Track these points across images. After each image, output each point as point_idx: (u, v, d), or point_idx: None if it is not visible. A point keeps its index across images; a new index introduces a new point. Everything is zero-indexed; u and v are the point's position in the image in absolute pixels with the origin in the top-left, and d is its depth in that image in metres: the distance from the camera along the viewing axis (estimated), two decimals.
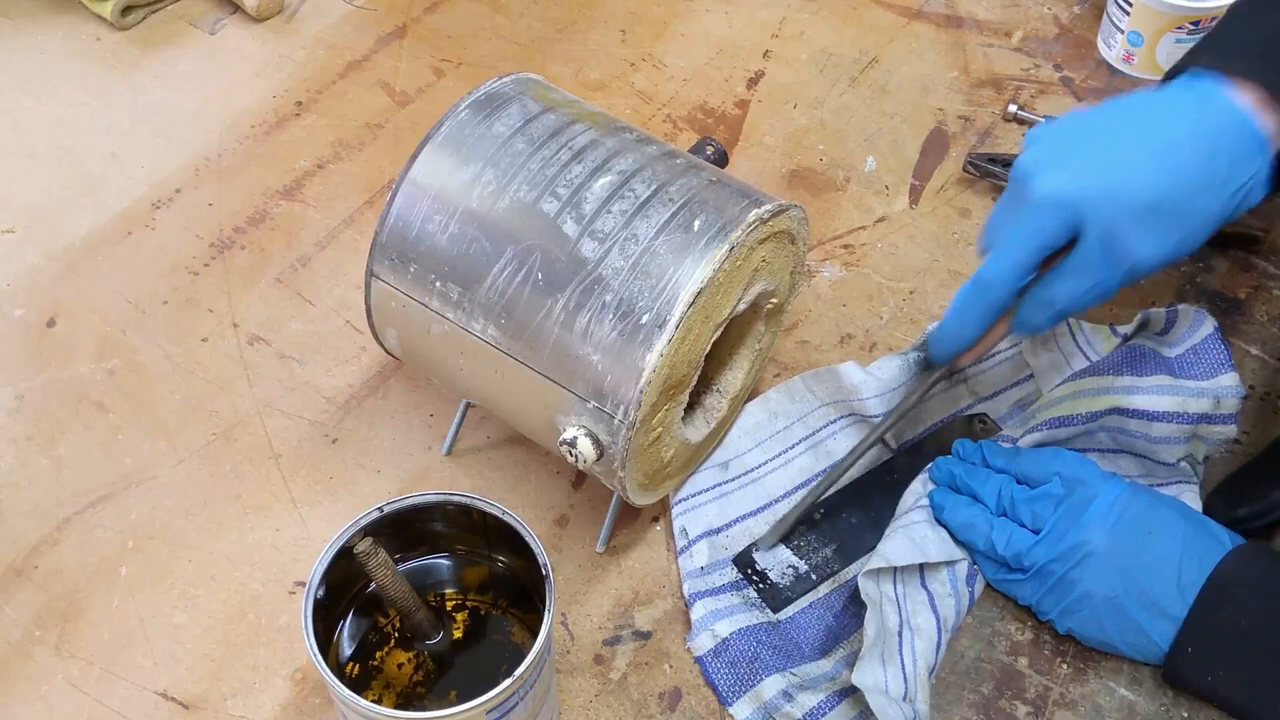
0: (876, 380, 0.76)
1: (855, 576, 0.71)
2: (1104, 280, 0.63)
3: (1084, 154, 0.62)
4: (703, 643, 0.68)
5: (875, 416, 0.75)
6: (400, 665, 0.62)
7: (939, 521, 0.69)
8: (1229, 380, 0.70)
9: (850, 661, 0.67)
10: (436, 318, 0.66)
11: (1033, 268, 0.64)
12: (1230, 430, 0.70)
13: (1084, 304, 0.64)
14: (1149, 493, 0.67)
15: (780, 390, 0.78)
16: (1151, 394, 0.69)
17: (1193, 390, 0.69)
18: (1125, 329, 0.77)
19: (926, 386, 0.72)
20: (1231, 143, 0.61)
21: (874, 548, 0.72)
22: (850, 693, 0.66)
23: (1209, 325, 0.71)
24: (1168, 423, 0.69)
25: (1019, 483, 0.69)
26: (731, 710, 0.65)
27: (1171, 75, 0.66)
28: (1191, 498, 0.71)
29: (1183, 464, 0.71)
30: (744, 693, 0.66)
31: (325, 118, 0.96)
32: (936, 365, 0.72)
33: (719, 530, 0.73)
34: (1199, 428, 0.69)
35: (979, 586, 0.69)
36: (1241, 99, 0.62)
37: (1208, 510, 0.70)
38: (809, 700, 0.65)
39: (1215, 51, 0.65)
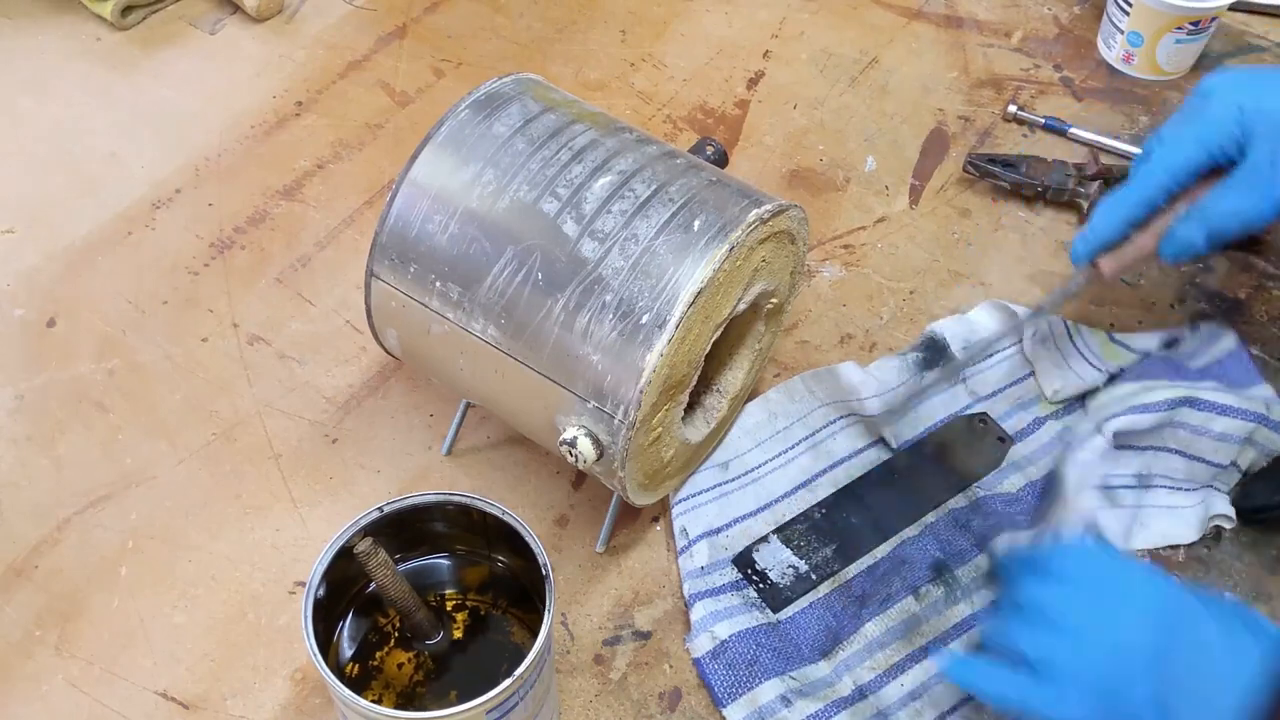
0: (876, 380, 0.76)
1: (855, 576, 0.71)
2: (1266, 198, 0.62)
3: (1265, 82, 0.64)
4: (701, 644, 0.68)
5: (874, 416, 0.75)
6: (400, 665, 0.62)
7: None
8: (1265, 391, 0.73)
9: (850, 665, 0.68)
10: (436, 318, 0.66)
11: (1195, 170, 0.64)
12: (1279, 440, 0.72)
13: (1240, 222, 0.63)
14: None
15: (780, 390, 0.78)
16: (1213, 391, 0.71)
17: (1242, 394, 0.72)
18: (1123, 337, 0.78)
19: (934, 380, 0.72)
20: None
21: (874, 547, 0.72)
22: (849, 703, 0.66)
23: (1230, 340, 0.74)
24: (1232, 418, 0.70)
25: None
26: (726, 712, 0.65)
27: None
28: (1222, 503, 0.72)
29: (1231, 467, 0.72)
30: (740, 695, 0.66)
31: (325, 118, 0.96)
32: (1076, 266, 0.69)
33: (719, 530, 0.73)
34: (1257, 430, 0.71)
35: None
36: None
37: (1246, 496, 0.71)
38: (807, 707, 0.65)
39: None
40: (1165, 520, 0.73)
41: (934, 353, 0.79)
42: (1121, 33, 0.98)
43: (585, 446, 0.63)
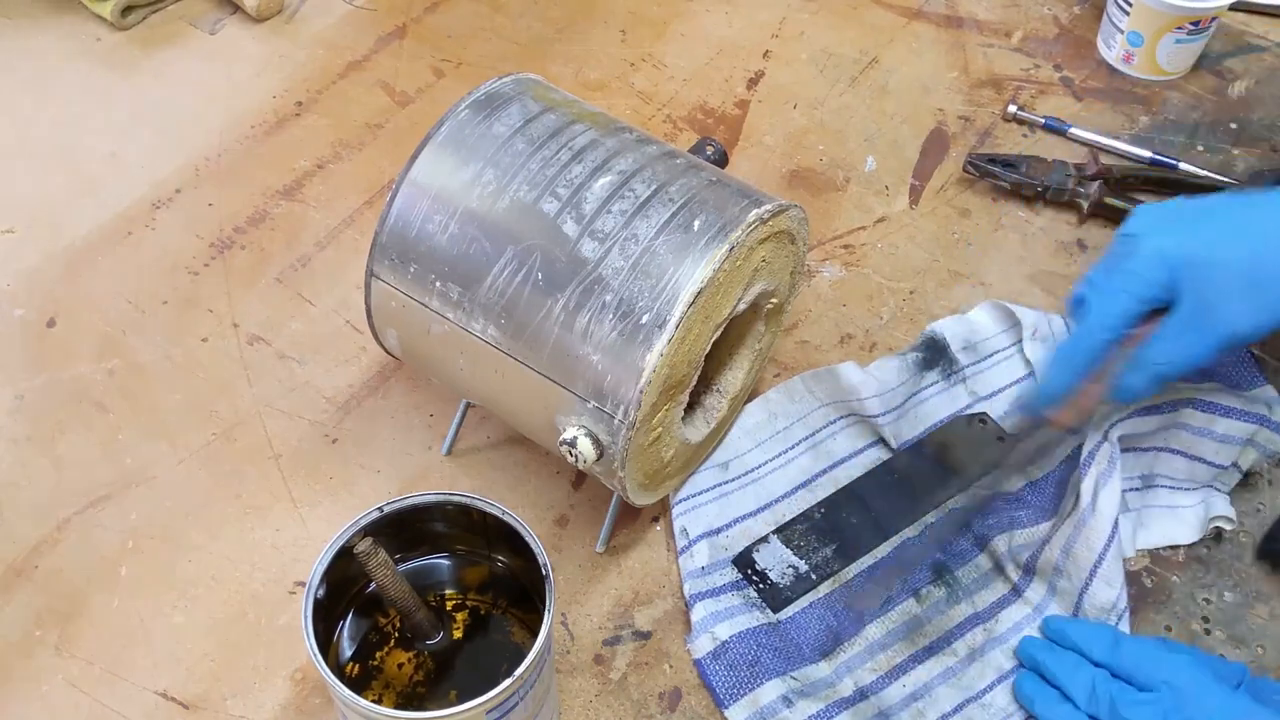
0: (876, 380, 0.76)
1: (855, 576, 0.71)
2: (1201, 345, 0.63)
3: (1188, 224, 0.64)
4: (702, 645, 0.67)
5: (875, 416, 0.75)
6: (400, 665, 0.62)
7: (1028, 712, 0.66)
8: (1269, 392, 0.74)
9: (852, 666, 0.68)
10: (436, 318, 0.66)
11: (1131, 320, 0.64)
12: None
13: (1181, 367, 0.64)
14: (1267, 711, 0.61)
15: (780, 390, 0.78)
16: (1215, 393, 0.71)
17: (1244, 395, 0.72)
18: None
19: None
20: None
21: (874, 547, 0.72)
22: (850, 704, 0.66)
23: None
24: (1234, 419, 0.71)
25: (1115, 675, 0.63)
26: (728, 713, 0.65)
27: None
28: (1222, 504, 0.73)
29: (1232, 468, 0.73)
30: (742, 696, 0.66)
31: (325, 118, 0.96)
32: (1030, 422, 0.70)
33: (719, 530, 0.73)
34: (1258, 432, 0.71)
35: None
36: None
37: (1271, 539, 0.71)
38: (809, 708, 0.65)
39: None
40: (1166, 520, 0.73)
41: (934, 353, 0.79)
42: (1121, 33, 0.98)
43: (585, 446, 0.63)
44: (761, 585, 0.70)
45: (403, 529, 0.61)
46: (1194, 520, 0.72)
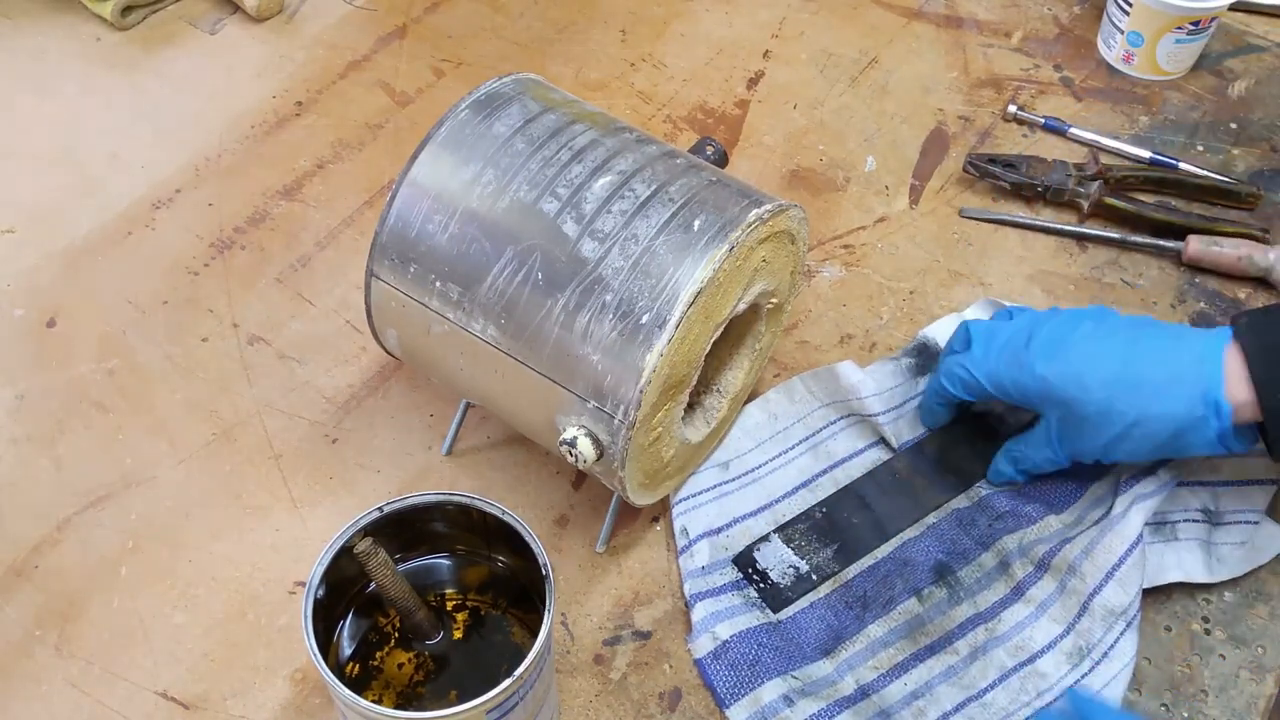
0: (874, 379, 0.76)
1: (856, 576, 0.71)
2: (1057, 456, 0.71)
3: (1064, 350, 0.68)
4: (703, 645, 0.67)
5: (875, 415, 0.75)
6: (400, 665, 0.62)
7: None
8: None
9: (853, 664, 0.68)
10: (436, 318, 0.66)
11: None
12: None
13: (1043, 469, 0.72)
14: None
15: (780, 391, 0.78)
16: None
17: None
18: None
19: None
20: (1191, 390, 0.65)
21: (874, 548, 0.72)
22: (851, 702, 0.66)
23: None
24: None
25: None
26: (729, 713, 0.65)
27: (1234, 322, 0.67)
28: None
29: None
30: (743, 696, 0.66)
31: (325, 118, 0.96)
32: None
33: (719, 530, 0.72)
34: None
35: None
36: (1230, 361, 0.64)
37: None
38: (809, 707, 0.65)
39: (1251, 316, 0.66)
40: (1238, 553, 0.72)
41: (926, 358, 0.79)
42: (1121, 33, 0.98)
43: (585, 446, 0.62)
44: (762, 585, 0.70)
45: (403, 529, 0.61)
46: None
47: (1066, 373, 0.67)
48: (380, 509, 0.59)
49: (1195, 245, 0.86)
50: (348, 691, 0.53)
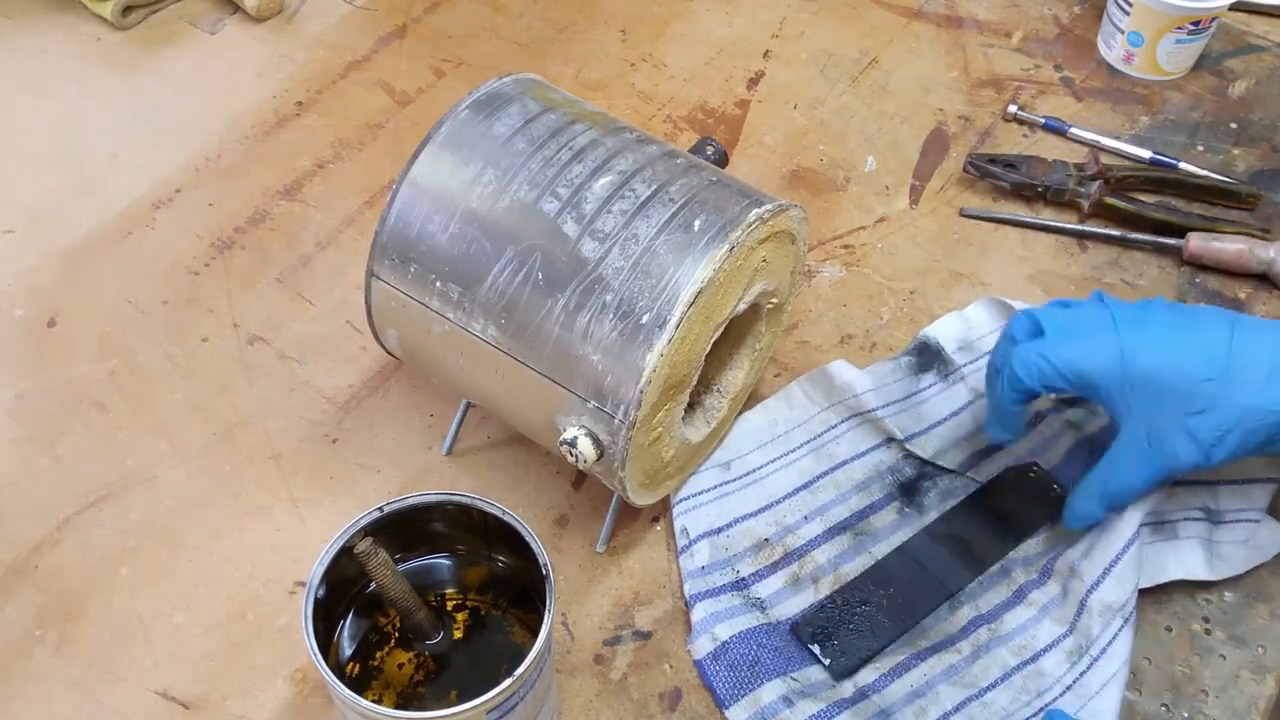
0: (871, 376, 0.76)
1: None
2: (1153, 470, 0.64)
3: (1160, 335, 0.63)
4: (702, 645, 0.67)
5: (874, 410, 0.75)
6: (400, 665, 0.62)
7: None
8: None
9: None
10: (437, 318, 0.66)
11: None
12: None
13: (1138, 490, 0.65)
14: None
15: (779, 398, 0.78)
16: None
17: None
18: None
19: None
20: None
21: (933, 609, 0.70)
22: (851, 703, 0.66)
23: None
24: None
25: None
26: (728, 714, 0.65)
27: None
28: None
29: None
30: (742, 697, 0.66)
31: (325, 118, 0.96)
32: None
33: (720, 530, 0.72)
34: None
35: None
36: None
37: None
38: (809, 708, 0.65)
39: None
40: (1240, 550, 0.71)
41: (927, 357, 0.79)
42: (1121, 33, 0.98)
43: (585, 446, 0.62)
44: (827, 664, 0.67)
45: (403, 529, 0.61)
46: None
47: (1164, 360, 0.62)
48: (380, 509, 0.59)
49: (1196, 241, 0.86)
50: (348, 691, 0.53)
